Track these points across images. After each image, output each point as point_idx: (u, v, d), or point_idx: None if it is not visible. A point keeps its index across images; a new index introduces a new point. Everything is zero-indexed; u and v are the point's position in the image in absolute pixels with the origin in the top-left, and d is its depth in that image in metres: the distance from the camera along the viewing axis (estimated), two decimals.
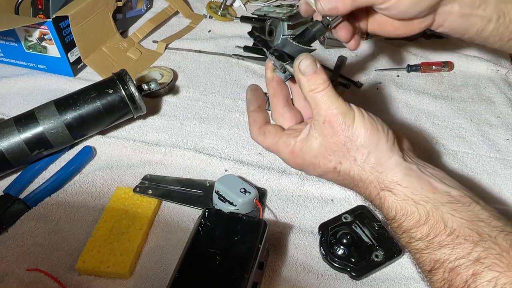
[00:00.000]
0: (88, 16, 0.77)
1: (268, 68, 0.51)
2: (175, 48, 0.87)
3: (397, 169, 0.44)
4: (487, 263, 0.37)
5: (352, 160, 0.45)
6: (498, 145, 0.65)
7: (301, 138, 0.47)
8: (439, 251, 0.40)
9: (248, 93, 0.53)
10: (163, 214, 0.56)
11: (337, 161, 0.45)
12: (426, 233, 0.41)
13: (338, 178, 0.47)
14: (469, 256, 0.38)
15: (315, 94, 0.44)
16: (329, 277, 0.49)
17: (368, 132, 0.44)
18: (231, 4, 1.01)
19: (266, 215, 0.56)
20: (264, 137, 0.50)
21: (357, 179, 0.45)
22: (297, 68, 0.45)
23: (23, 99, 0.75)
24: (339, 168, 0.46)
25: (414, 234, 0.42)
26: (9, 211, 0.55)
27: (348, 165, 0.45)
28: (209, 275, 0.42)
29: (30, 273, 0.49)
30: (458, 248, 0.39)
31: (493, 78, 0.77)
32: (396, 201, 0.43)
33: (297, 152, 0.48)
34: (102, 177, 0.60)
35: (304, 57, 0.44)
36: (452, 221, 0.40)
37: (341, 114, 0.44)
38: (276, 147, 0.49)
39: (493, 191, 0.58)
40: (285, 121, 0.52)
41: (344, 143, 0.44)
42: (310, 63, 0.44)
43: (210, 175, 0.61)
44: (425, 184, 0.43)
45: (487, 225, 0.39)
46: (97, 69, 0.79)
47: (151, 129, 0.69)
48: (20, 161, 0.60)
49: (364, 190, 0.46)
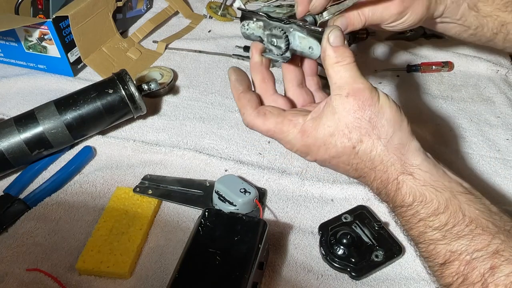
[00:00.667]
0: (88, 16, 0.77)
1: (256, 51, 0.48)
2: (175, 48, 0.87)
3: (417, 153, 0.43)
4: (506, 255, 0.36)
5: (375, 138, 0.42)
6: (498, 145, 0.65)
7: (312, 116, 0.44)
8: (457, 242, 0.38)
9: (233, 74, 0.49)
10: (163, 214, 0.56)
11: (358, 139, 0.42)
12: (445, 222, 0.39)
13: (353, 161, 0.44)
14: (488, 248, 0.37)
15: (340, 66, 0.42)
16: (329, 277, 0.49)
17: (393, 111, 0.43)
18: (231, 4, 1.01)
19: (266, 215, 0.56)
20: (264, 119, 0.46)
21: (377, 161, 0.43)
22: (327, 37, 0.42)
23: (23, 99, 0.75)
24: (358, 148, 0.43)
25: (431, 223, 0.40)
26: (9, 211, 0.55)
27: (370, 143, 0.42)
28: (209, 275, 0.42)
29: (30, 273, 0.49)
30: (477, 240, 0.37)
31: (493, 78, 0.77)
32: (416, 186, 0.41)
33: (308, 130, 0.44)
34: (102, 177, 0.60)
35: (335, 27, 0.43)
36: (469, 211, 0.39)
37: (368, 89, 0.42)
38: (281, 127, 0.45)
39: (493, 191, 0.58)
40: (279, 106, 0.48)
41: (369, 119, 0.42)
42: (339, 34, 0.43)
43: (210, 175, 0.61)
44: (441, 172, 0.42)
45: (500, 218, 0.39)
46: (97, 69, 0.79)
47: (151, 129, 0.69)
48: (20, 161, 0.60)
49: (382, 175, 0.43)
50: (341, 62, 0.42)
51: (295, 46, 0.45)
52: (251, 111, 0.46)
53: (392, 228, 0.53)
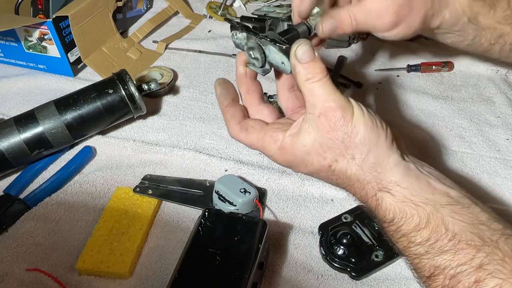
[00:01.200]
0: (88, 16, 0.77)
1: (240, 63, 0.47)
2: (175, 48, 0.87)
3: (396, 169, 0.42)
4: (490, 269, 0.35)
5: (350, 159, 0.42)
6: (498, 145, 0.65)
7: (291, 133, 0.44)
8: (439, 257, 0.38)
9: (218, 88, 0.48)
10: (163, 214, 0.56)
11: (333, 158, 0.42)
12: (427, 237, 0.39)
13: (332, 177, 0.44)
14: (472, 262, 0.36)
15: (311, 84, 0.41)
16: (329, 277, 0.49)
17: (368, 129, 0.41)
18: (231, 4, 1.01)
19: (266, 215, 0.56)
20: (247, 134, 0.45)
21: (354, 179, 0.43)
22: (294, 54, 0.41)
23: (23, 99, 0.75)
24: (334, 167, 0.42)
25: (413, 239, 0.40)
26: (9, 211, 0.55)
27: (345, 163, 0.42)
28: (209, 275, 0.42)
29: (30, 273, 0.49)
30: (460, 254, 0.37)
31: (493, 78, 0.77)
32: (395, 202, 0.41)
33: (287, 147, 0.44)
34: (102, 177, 0.60)
35: (302, 42, 0.41)
36: (453, 224, 0.38)
37: (340, 108, 0.41)
38: (262, 143, 0.45)
39: (493, 191, 0.58)
40: (264, 118, 0.48)
41: (342, 139, 0.41)
42: (308, 49, 0.41)
43: (210, 175, 0.61)
44: (424, 185, 0.41)
45: (488, 228, 0.38)
46: (97, 69, 0.79)
47: (151, 129, 0.69)
48: (20, 161, 0.60)
49: (360, 191, 0.43)
50: (311, 79, 0.41)
51: (271, 59, 0.44)
52: (234, 125, 0.46)
53: None
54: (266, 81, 0.79)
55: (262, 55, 0.44)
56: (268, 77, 0.81)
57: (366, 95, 0.75)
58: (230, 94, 0.48)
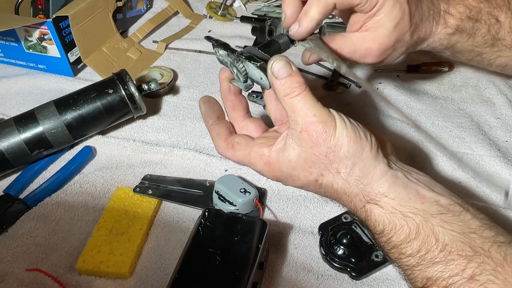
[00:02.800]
0: (88, 16, 0.77)
1: (223, 80, 0.48)
2: (175, 48, 0.87)
3: (383, 179, 0.41)
4: (482, 280, 0.35)
5: (335, 173, 0.41)
6: (498, 146, 0.65)
7: (276, 148, 0.44)
8: (431, 268, 0.37)
9: (202, 106, 0.49)
10: (163, 214, 0.56)
11: (318, 173, 0.42)
12: (417, 249, 0.38)
13: (320, 190, 0.44)
14: (463, 273, 0.36)
15: (291, 99, 0.40)
16: (329, 277, 0.49)
17: (351, 142, 0.40)
18: (231, 4, 1.01)
19: (266, 215, 0.56)
20: (233, 151, 0.46)
21: (341, 193, 0.42)
22: (270, 71, 0.41)
23: (23, 99, 0.75)
24: (320, 181, 0.42)
25: (404, 250, 0.39)
26: (9, 211, 0.55)
27: (330, 178, 0.42)
28: (209, 275, 0.42)
29: (30, 273, 0.49)
30: (451, 265, 0.37)
31: (493, 79, 0.77)
32: (383, 214, 0.40)
33: (273, 163, 0.44)
34: (102, 177, 0.60)
35: (277, 58, 0.40)
36: (443, 234, 0.38)
37: (321, 122, 0.40)
38: (249, 159, 0.45)
39: (493, 192, 0.58)
40: (250, 134, 0.48)
41: (325, 154, 0.41)
42: (283, 64, 0.40)
43: (210, 175, 0.61)
44: (413, 193, 0.40)
45: (479, 236, 0.37)
46: (97, 69, 0.79)
47: (151, 129, 0.69)
48: (20, 161, 0.60)
49: (348, 204, 0.43)
50: (290, 94, 0.40)
51: (251, 75, 0.44)
52: (220, 143, 0.47)
53: None
54: None
55: (243, 70, 0.43)
56: None
57: (366, 95, 0.75)
58: (215, 112, 0.49)
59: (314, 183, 0.43)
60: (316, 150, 0.41)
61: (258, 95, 0.73)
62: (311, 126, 0.40)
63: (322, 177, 0.42)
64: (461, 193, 0.42)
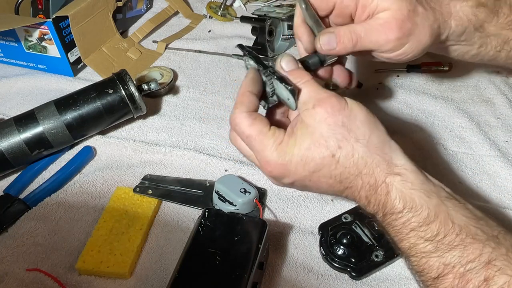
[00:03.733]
0: (88, 16, 0.77)
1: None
2: (175, 48, 0.87)
3: (400, 154, 0.40)
4: (498, 265, 0.34)
5: (354, 142, 0.40)
6: (498, 146, 0.65)
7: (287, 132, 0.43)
8: (449, 253, 0.36)
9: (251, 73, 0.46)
10: (163, 214, 0.56)
11: (336, 146, 0.40)
12: (436, 232, 0.37)
13: (334, 171, 0.41)
14: (480, 258, 0.35)
15: (301, 85, 0.42)
16: (329, 277, 0.49)
17: (365, 113, 0.41)
18: (231, 4, 1.01)
19: (266, 215, 0.56)
20: (252, 122, 0.42)
21: (361, 164, 0.40)
22: (279, 65, 0.44)
23: (23, 99, 0.75)
24: (338, 155, 0.40)
25: (422, 233, 0.38)
26: (9, 211, 0.55)
27: (350, 148, 0.40)
28: (209, 275, 0.42)
29: (30, 273, 0.49)
30: (468, 250, 0.36)
31: (493, 79, 0.77)
32: (405, 189, 0.39)
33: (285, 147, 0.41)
34: (102, 177, 0.60)
35: (285, 55, 0.45)
36: (458, 218, 0.37)
37: (334, 96, 0.41)
38: (262, 138, 0.42)
39: (493, 192, 0.58)
40: None
41: (342, 123, 0.40)
42: (290, 59, 0.44)
43: (210, 175, 0.61)
44: (424, 176, 0.40)
45: (486, 223, 0.37)
46: (97, 69, 0.79)
47: (151, 129, 0.69)
48: (20, 161, 0.60)
49: (369, 179, 0.40)
50: (299, 82, 0.42)
51: (279, 93, 0.44)
52: (244, 109, 0.44)
53: None
54: None
55: (272, 87, 0.44)
56: None
57: (366, 95, 0.75)
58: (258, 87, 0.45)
59: (330, 160, 0.40)
60: (331, 120, 0.40)
61: None
62: (324, 100, 0.41)
63: (340, 150, 0.40)
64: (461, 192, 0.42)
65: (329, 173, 0.41)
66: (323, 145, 0.40)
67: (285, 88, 0.42)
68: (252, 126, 0.42)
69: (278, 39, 0.85)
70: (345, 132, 0.40)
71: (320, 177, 0.42)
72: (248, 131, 0.42)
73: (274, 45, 0.84)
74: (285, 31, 0.84)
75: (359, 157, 0.40)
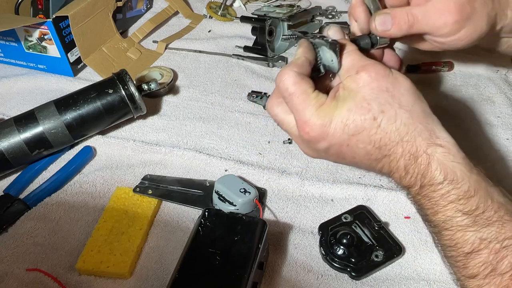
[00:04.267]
0: (88, 16, 0.77)
1: None
2: (175, 48, 0.87)
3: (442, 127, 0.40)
4: None
5: (397, 107, 0.39)
6: (498, 145, 0.65)
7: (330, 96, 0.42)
8: (486, 229, 0.36)
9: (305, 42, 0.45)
10: (163, 214, 0.56)
11: (378, 109, 0.39)
12: (476, 206, 0.37)
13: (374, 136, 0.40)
14: None
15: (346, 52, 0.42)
16: (329, 277, 0.49)
17: (409, 83, 0.41)
18: (231, 4, 1.01)
19: (266, 215, 0.56)
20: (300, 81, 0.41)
21: (403, 131, 0.39)
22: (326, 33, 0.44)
23: (23, 99, 0.75)
24: (380, 119, 0.39)
25: (461, 207, 0.37)
26: (9, 211, 0.55)
27: (393, 113, 0.39)
28: (209, 275, 0.42)
29: (30, 273, 0.49)
30: (506, 227, 0.36)
31: (493, 78, 0.77)
32: (446, 162, 0.38)
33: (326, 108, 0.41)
34: (102, 177, 0.60)
35: (332, 25, 0.45)
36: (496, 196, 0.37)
37: (378, 64, 0.41)
38: (305, 96, 0.41)
39: None
40: None
41: (386, 88, 0.40)
42: (337, 29, 0.44)
43: (210, 175, 0.61)
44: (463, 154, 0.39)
45: None
46: (97, 69, 0.79)
47: (151, 129, 0.69)
48: (20, 161, 0.60)
49: (410, 148, 0.39)
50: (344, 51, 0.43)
51: (324, 60, 0.44)
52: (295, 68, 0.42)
53: (392, 228, 0.53)
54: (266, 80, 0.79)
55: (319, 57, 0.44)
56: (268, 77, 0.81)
57: None
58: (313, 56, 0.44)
59: (371, 124, 0.39)
60: (375, 84, 0.40)
61: (258, 95, 0.73)
62: (368, 66, 0.41)
63: (383, 114, 0.39)
64: None
65: (369, 138, 0.40)
66: (365, 107, 0.40)
67: (326, 44, 0.43)
68: (297, 84, 0.41)
69: (278, 39, 0.85)
70: (388, 97, 0.40)
71: (359, 142, 0.40)
72: (292, 88, 0.42)
73: (274, 45, 0.84)
74: (285, 31, 0.84)
75: (401, 123, 0.39)
